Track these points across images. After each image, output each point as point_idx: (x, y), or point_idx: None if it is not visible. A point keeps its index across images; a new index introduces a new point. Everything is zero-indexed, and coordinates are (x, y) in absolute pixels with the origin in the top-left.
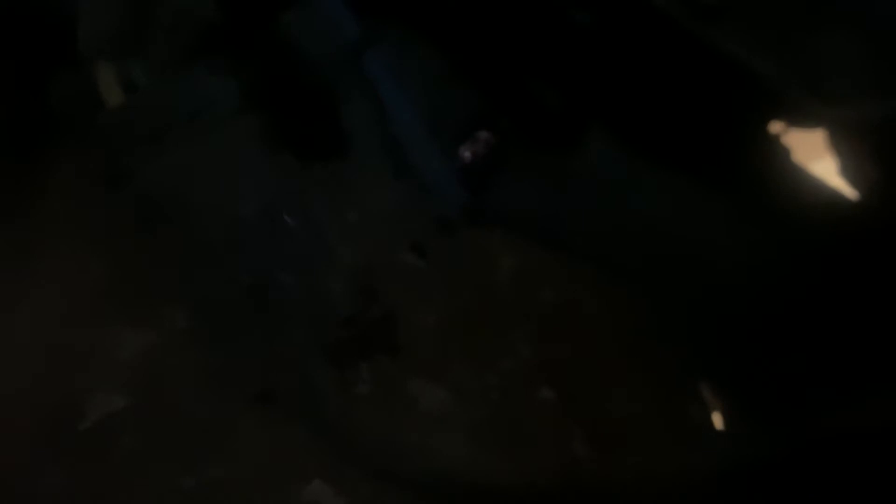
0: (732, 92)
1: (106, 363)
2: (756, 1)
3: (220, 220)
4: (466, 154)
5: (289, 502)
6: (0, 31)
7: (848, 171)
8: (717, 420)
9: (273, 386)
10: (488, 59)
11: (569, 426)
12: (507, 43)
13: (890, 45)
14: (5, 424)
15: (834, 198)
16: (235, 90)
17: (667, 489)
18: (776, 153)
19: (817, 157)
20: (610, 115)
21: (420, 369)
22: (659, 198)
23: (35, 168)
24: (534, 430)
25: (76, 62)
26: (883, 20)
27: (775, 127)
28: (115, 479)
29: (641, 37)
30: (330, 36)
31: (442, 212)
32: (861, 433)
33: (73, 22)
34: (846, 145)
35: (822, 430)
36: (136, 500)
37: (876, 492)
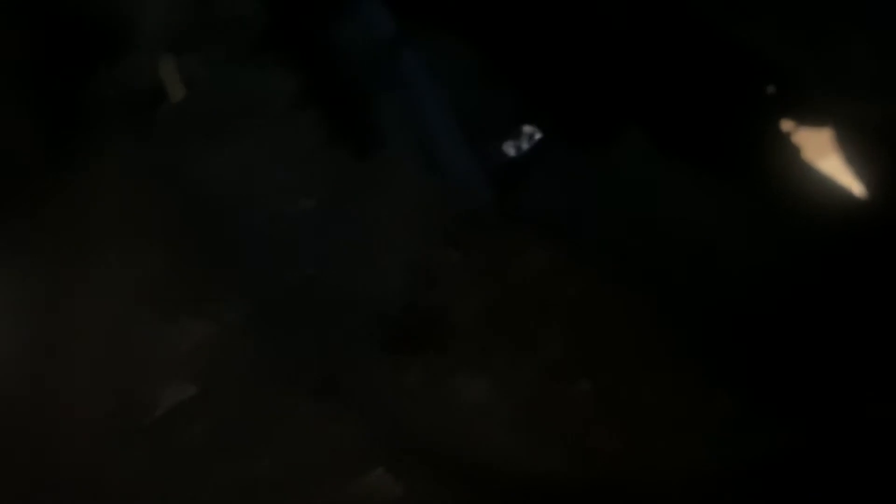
0: (754, 88)
1: (172, 353)
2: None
3: (275, 215)
4: (510, 150)
5: (351, 488)
6: (47, 24)
7: (869, 173)
8: (745, 417)
9: (329, 378)
10: (524, 58)
11: (604, 419)
12: (544, 42)
13: None
14: (76, 415)
15: (853, 199)
16: (290, 87)
17: (696, 484)
18: (796, 153)
19: (838, 158)
20: (644, 116)
21: (463, 363)
22: (688, 198)
23: (89, 162)
24: (569, 422)
25: (119, 55)
26: None
27: (795, 125)
28: (185, 468)
29: (677, 38)
30: (367, 34)
31: (473, 208)
32: (876, 431)
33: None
34: (869, 146)
35: (836, 429)
36: (207, 491)
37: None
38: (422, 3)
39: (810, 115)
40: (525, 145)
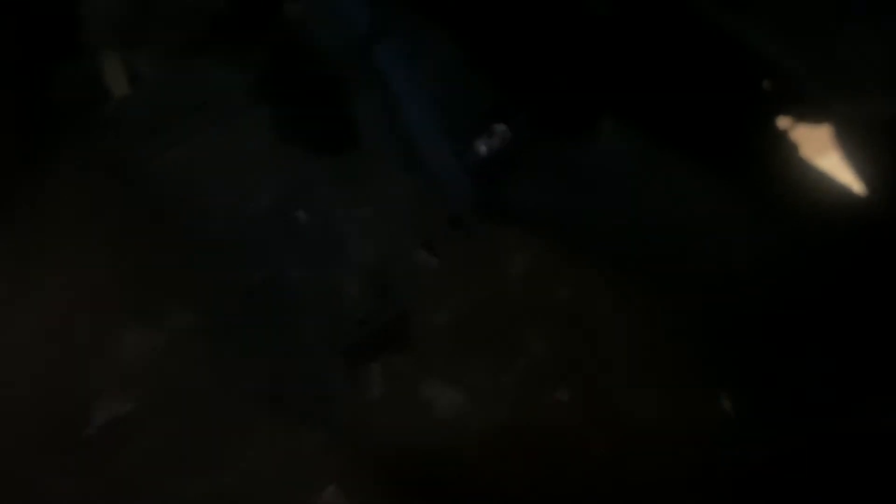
0: (753, 85)
1: (112, 364)
2: None
3: (228, 215)
4: (482, 148)
5: None
6: (3, 20)
7: (869, 171)
8: (732, 419)
9: (285, 388)
10: (503, 51)
11: (585, 427)
12: (523, 34)
13: None
14: (8, 428)
15: (852, 197)
16: (243, 82)
17: (683, 489)
18: (795, 150)
19: (837, 156)
20: (626, 107)
21: (434, 370)
22: (674, 193)
23: (39, 160)
24: (550, 431)
25: (80, 52)
26: None
27: (794, 123)
28: (122, 485)
29: (662, 27)
30: (340, 26)
31: (453, 207)
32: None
33: (77, 11)
34: (868, 144)
35: (836, 430)
36: None
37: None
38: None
39: (809, 113)
40: (497, 144)
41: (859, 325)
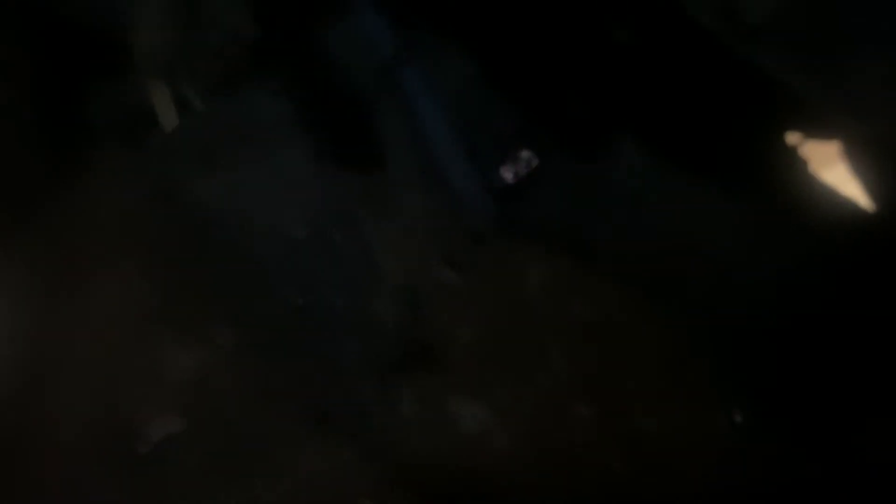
0: (767, 108)
1: (163, 383)
2: (798, 21)
3: (270, 239)
4: (508, 175)
5: None
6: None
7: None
8: (747, 435)
9: (322, 405)
10: (526, 75)
11: (604, 442)
12: (546, 58)
13: None
14: (69, 444)
15: (860, 212)
16: (284, 111)
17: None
18: (809, 170)
19: (851, 175)
20: (644, 128)
21: (459, 386)
22: (689, 212)
23: (86, 183)
24: (570, 445)
25: (115, 76)
26: None
27: (808, 143)
28: (171, 499)
29: (680, 53)
30: (367, 52)
31: (474, 225)
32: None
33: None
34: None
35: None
36: None
37: None
38: (422, 21)
39: (817, 129)
40: (523, 170)
41: (866, 338)
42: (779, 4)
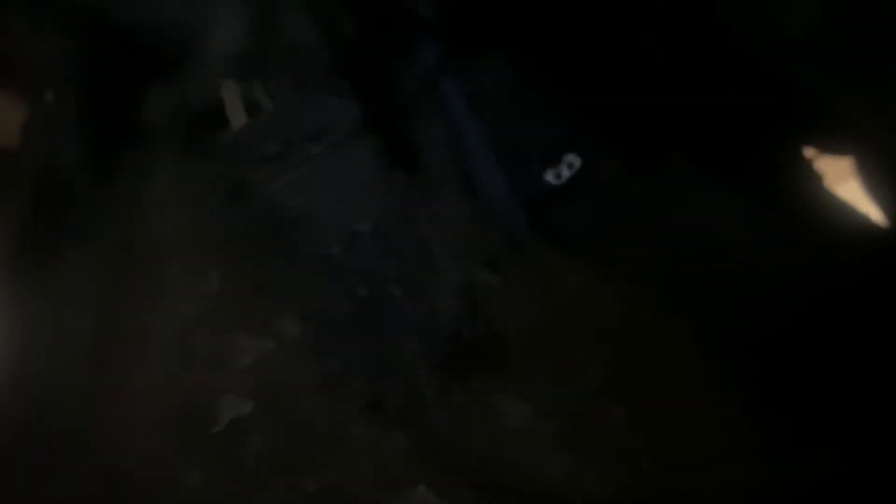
0: (801, 120)
1: (231, 368)
2: (840, 36)
3: (335, 234)
4: (551, 178)
5: None
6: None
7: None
8: (783, 443)
9: (381, 395)
10: (567, 83)
11: (634, 441)
12: (586, 68)
13: None
14: (148, 426)
15: (874, 226)
16: (349, 112)
17: None
18: (824, 179)
19: (857, 184)
20: (679, 139)
21: (503, 383)
22: (723, 223)
23: (150, 179)
24: (606, 445)
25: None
26: None
27: (832, 156)
28: (245, 480)
29: (717, 66)
30: (415, 62)
31: (510, 230)
32: None
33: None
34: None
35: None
36: (266, 502)
37: None
38: (467, 30)
39: (843, 141)
40: (566, 173)
41: (884, 347)
42: (820, 20)
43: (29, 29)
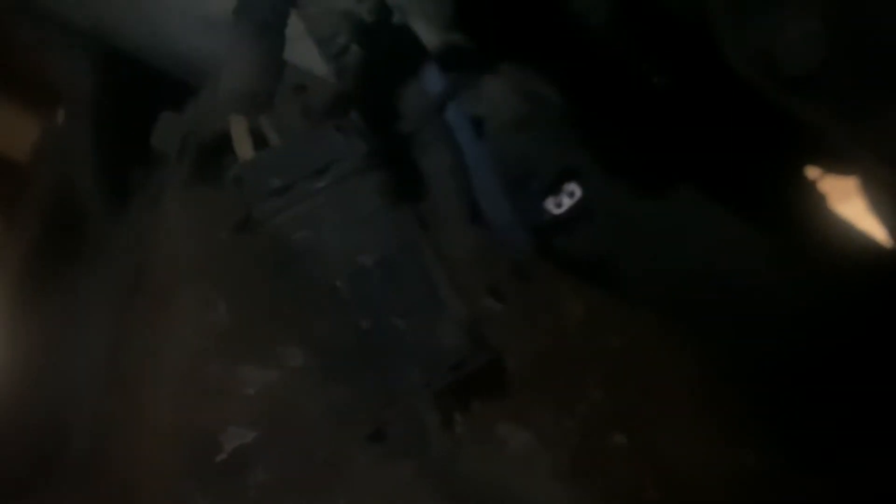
0: (796, 148)
1: (236, 397)
2: (839, 74)
3: (340, 266)
4: (553, 207)
5: None
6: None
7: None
8: (784, 470)
9: (384, 424)
10: (574, 112)
11: (640, 471)
12: (590, 98)
13: None
14: (157, 452)
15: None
16: (355, 147)
17: None
18: (828, 202)
19: (861, 204)
20: (681, 166)
21: (506, 412)
22: (724, 248)
23: (160, 212)
24: (609, 474)
25: (192, 105)
26: None
27: (829, 179)
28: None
29: (718, 100)
30: (420, 92)
31: (513, 257)
32: None
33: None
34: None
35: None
36: None
37: None
38: (472, 60)
39: (841, 167)
40: (566, 202)
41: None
42: (820, 59)
43: (42, 48)
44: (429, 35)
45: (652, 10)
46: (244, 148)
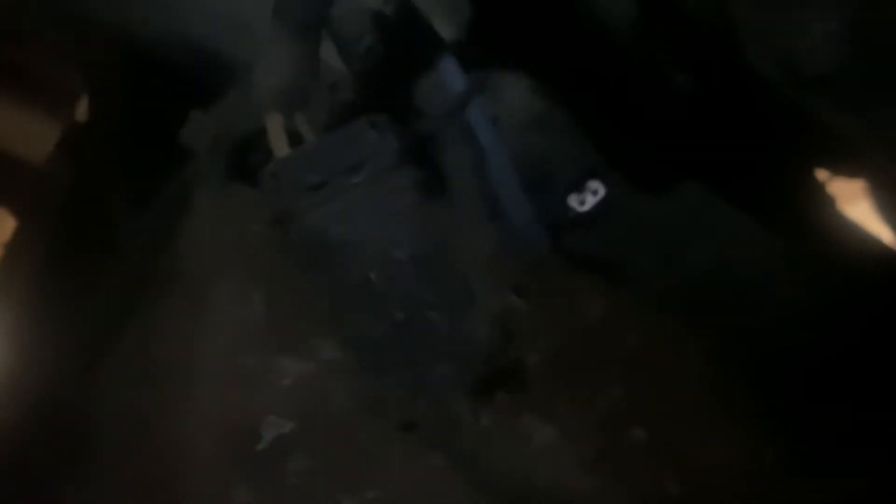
0: (812, 148)
1: (273, 389)
2: (864, 74)
3: (375, 260)
4: (576, 205)
5: None
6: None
7: None
8: (800, 467)
9: (415, 416)
10: (592, 112)
11: (661, 465)
12: (609, 98)
13: None
14: (199, 442)
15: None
16: (388, 144)
17: None
18: (837, 203)
19: (868, 205)
20: (699, 167)
21: (530, 406)
22: (739, 249)
23: (196, 210)
24: (630, 467)
25: (213, 104)
26: None
27: (840, 180)
28: (290, 497)
29: (738, 100)
30: (441, 90)
31: (532, 255)
32: None
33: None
34: None
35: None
36: None
37: None
38: (493, 59)
39: (853, 168)
40: (590, 200)
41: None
42: (841, 60)
43: (65, 44)
44: (450, 34)
45: (674, 11)
46: (280, 145)
